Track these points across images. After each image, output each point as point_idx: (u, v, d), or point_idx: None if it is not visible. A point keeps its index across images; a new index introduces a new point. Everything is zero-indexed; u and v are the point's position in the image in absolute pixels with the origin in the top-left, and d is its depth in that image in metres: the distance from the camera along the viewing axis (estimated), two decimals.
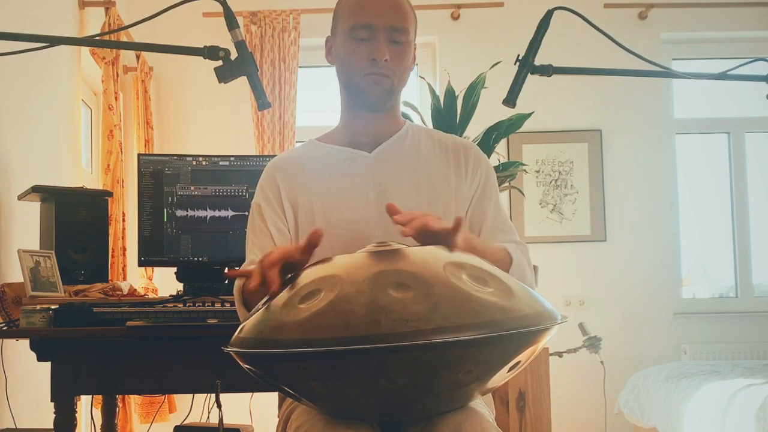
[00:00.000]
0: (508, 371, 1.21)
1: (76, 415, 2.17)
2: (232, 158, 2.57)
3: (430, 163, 1.70)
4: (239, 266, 2.55)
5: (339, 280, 1.19)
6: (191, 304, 2.16)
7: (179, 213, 2.52)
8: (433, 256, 1.24)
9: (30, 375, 2.69)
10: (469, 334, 1.09)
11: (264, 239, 1.65)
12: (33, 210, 2.63)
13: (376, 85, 1.62)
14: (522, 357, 1.20)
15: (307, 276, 1.26)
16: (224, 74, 1.56)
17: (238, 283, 1.59)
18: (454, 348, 1.10)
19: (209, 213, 2.54)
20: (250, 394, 2.85)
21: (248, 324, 1.25)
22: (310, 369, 1.15)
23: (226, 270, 1.34)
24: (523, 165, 3.59)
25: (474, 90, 2.76)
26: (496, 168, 2.62)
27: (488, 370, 1.17)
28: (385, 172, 1.67)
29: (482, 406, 1.46)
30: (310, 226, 1.60)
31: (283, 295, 1.24)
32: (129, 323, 2.07)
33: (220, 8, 1.54)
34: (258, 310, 1.27)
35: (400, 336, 1.08)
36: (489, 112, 2.83)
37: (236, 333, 1.26)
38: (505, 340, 1.14)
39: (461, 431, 1.26)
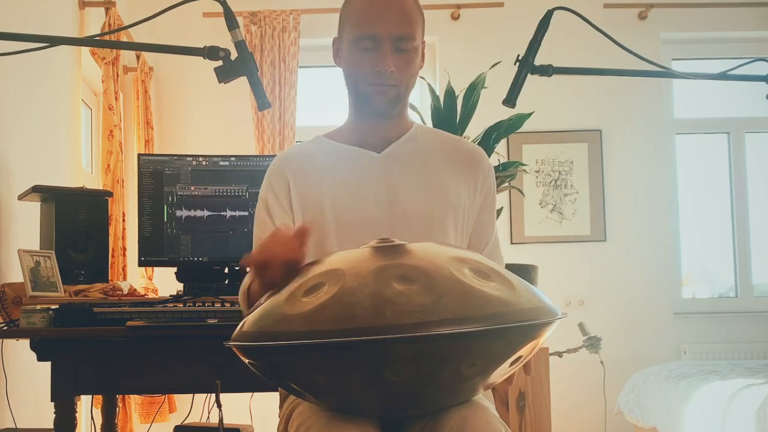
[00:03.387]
0: (510, 365, 1.22)
1: (76, 415, 2.16)
2: (232, 158, 2.57)
3: (441, 164, 1.70)
4: (240, 266, 2.55)
5: (343, 273, 1.19)
6: (191, 304, 2.16)
7: (179, 213, 2.52)
8: (436, 251, 1.25)
9: (30, 375, 2.69)
10: (473, 326, 1.10)
11: None
12: (33, 210, 2.63)
13: (382, 95, 1.62)
14: (524, 351, 1.20)
15: (311, 270, 1.26)
16: (224, 74, 1.56)
17: (245, 281, 1.59)
18: (459, 340, 1.10)
19: (209, 213, 2.54)
20: (250, 394, 2.85)
21: (250, 318, 1.24)
22: (315, 361, 1.15)
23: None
24: (523, 165, 3.59)
25: (474, 90, 2.76)
26: (496, 168, 2.62)
27: (491, 363, 1.17)
28: (395, 173, 1.66)
29: (486, 400, 1.46)
30: (320, 225, 1.60)
31: (287, 289, 1.24)
32: (129, 323, 2.07)
33: (220, 8, 1.55)
34: (260, 305, 1.26)
35: (405, 327, 1.09)
36: (489, 112, 2.83)
37: (238, 328, 1.26)
38: (509, 333, 1.14)
39: (467, 425, 1.26)
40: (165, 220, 2.52)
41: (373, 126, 1.69)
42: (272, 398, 1.96)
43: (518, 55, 1.65)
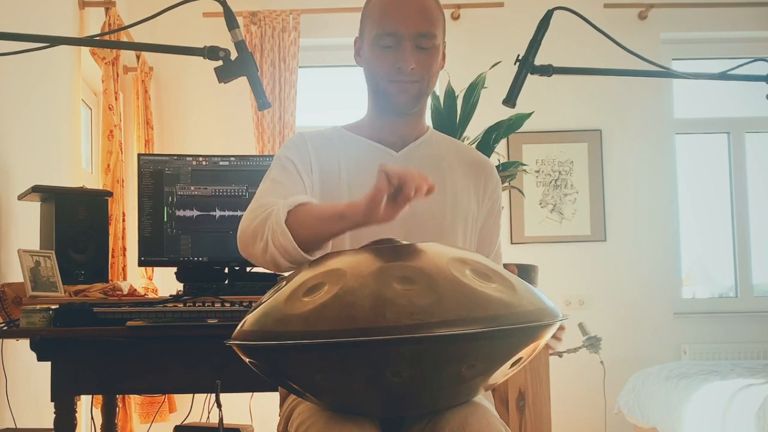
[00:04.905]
0: (510, 367, 1.21)
1: (76, 415, 2.16)
2: (232, 158, 2.57)
3: (454, 170, 1.70)
4: (240, 266, 2.55)
5: (343, 273, 1.19)
6: (191, 304, 2.16)
7: (179, 213, 2.52)
8: (437, 252, 1.25)
9: (30, 375, 2.69)
10: (473, 328, 1.10)
11: (298, 186, 1.60)
12: (33, 210, 2.63)
13: (403, 92, 1.61)
14: (524, 353, 1.20)
15: (311, 270, 1.26)
16: (224, 74, 1.56)
17: (282, 211, 1.45)
18: (458, 341, 1.10)
19: (209, 213, 2.54)
20: (250, 394, 2.85)
21: (251, 318, 1.25)
22: (315, 361, 1.15)
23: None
24: (523, 165, 3.59)
25: (474, 90, 2.76)
26: (496, 168, 2.62)
27: (491, 364, 1.17)
28: None
29: (485, 400, 1.46)
30: None
31: (287, 289, 1.24)
32: (129, 323, 2.07)
33: (220, 8, 1.54)
34: (261, 304, 1.27)
35: (405, 328, 1.09)
36: (489, 112, 2.83)
37: (239, 326, 1.26)
38: (509, 335, 1.14)
39: (467, 425, 1.26)
40: (165, 220, 2.52)
41: (391, 124, 1.68)
42: (272, 398, 1.97)
43: (518, 55, 1.65)
